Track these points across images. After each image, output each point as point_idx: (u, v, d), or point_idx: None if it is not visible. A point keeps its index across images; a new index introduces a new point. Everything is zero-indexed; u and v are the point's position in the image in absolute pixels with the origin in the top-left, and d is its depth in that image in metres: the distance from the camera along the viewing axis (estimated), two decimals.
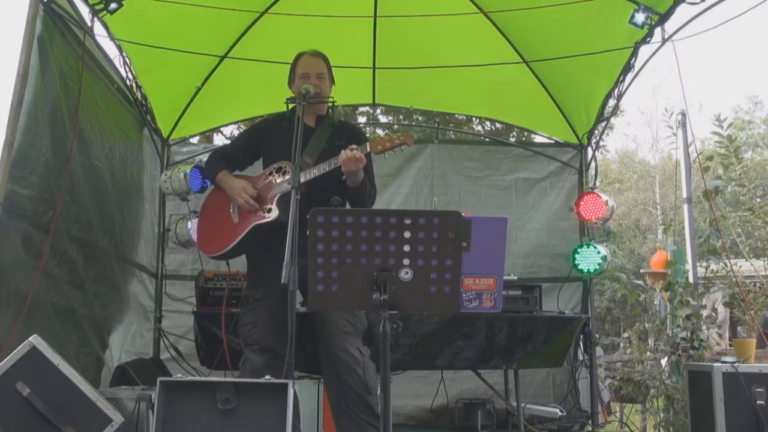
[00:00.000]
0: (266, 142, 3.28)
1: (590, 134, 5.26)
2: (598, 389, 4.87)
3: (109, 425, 2.54)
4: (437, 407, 4.91)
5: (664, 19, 4.02)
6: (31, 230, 3.17)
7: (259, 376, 2.57)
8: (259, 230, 3.08)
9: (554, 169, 5.43)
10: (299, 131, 2.71)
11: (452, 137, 6.95)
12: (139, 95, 4.58)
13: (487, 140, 7.81)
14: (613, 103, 4.94)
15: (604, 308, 14.34)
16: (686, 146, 5.23)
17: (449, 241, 2.09)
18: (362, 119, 9.90)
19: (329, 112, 3.26)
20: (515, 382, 4.36)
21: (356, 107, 9.02)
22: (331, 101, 3.20)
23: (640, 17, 4.01)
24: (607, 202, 4.87)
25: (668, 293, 4.49)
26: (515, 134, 8.93)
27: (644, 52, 4.36)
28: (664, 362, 4.68)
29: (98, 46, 3.99)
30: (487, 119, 9.05)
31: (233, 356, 3.69)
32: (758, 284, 5.04)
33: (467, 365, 4.32)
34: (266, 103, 4.48)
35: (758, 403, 3.17)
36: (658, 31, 4.11)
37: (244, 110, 5.35)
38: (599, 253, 4.81)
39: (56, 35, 3.42)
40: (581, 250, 4.88)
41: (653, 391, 4.52)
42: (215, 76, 4.88)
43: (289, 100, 3.10)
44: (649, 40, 4.19)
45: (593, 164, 5.35)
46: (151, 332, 4.80)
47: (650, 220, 22.71)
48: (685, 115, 5.18)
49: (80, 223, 3.70)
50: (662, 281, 5.29)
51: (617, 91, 4.78)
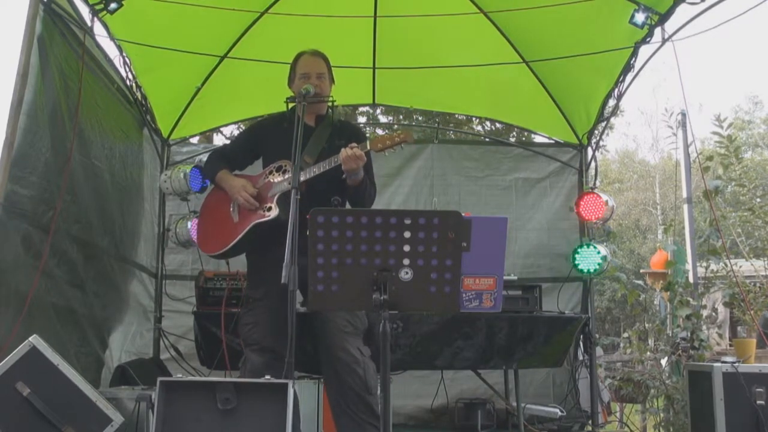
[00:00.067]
0: (266, 141, 3.28)
1: (590, 134, 5.26)
2: (598, 389, 4.87)
3: (109, 425, 2.54)
4: (437, 407, 4.91)
5: (664, 19, 4.02)
6: (31, 230, 3.17)
7: (259, 376, 2.57)
8: (259, 229, 3.08)
9: (554, 169, 5.43)
10: (299, 131, 2.71)
11: (452, 137, 6.95)
12: (139, 95, 4.58)
13: (487, 140, 7.81)
14: (613, 103, 4.94)
15: (604, 308, 14.34)
16: (686, 146, 5.24)
17: (449, 241, 2.09)
18: (362, 119, 9.90)
19: (329, 111, 3.26)
20: (515, 382, 4.36)
21: (356, 107, 9.02)
22: (331, 101, 3.20)
23: (640, 17, 4.01)
24: (607, 202, 4.87)
25: (668, 293, 4.49)
26: (515, 134, 8.93)
27: (644, 52, 4.37)
28: (664, 362, 4.68)
29: (98, 46, 3.99)
30: (487, 119, 9.05)
31: (233, 356, 3.68)
32: (758, 284, 5.04)
33: (467, 365, 4.33)
34: (266, 103, 4.47)
35: (758, 403, 3.17)
36: (658, 31, 4.11)
37: (244, 110, 5.35)
38: (599, 253, 4.81)
39: (56, 35, 3.41)
40: (581, 250, 4.88)
41: (653, 391, 4.52)
42: (215, 76, 4.88)
43: (288, 99, 3.10)
44: (649, 40, 4.19)
45: (593, 164, 5.36)
46: (151, 332, 4.80)
47: (650, 220, 22.71)
48: (685, 115, 5.19)
49: (80, 223, 3.70)
50: (662, 281, 5.29)
51: (617, 91, 4.78)
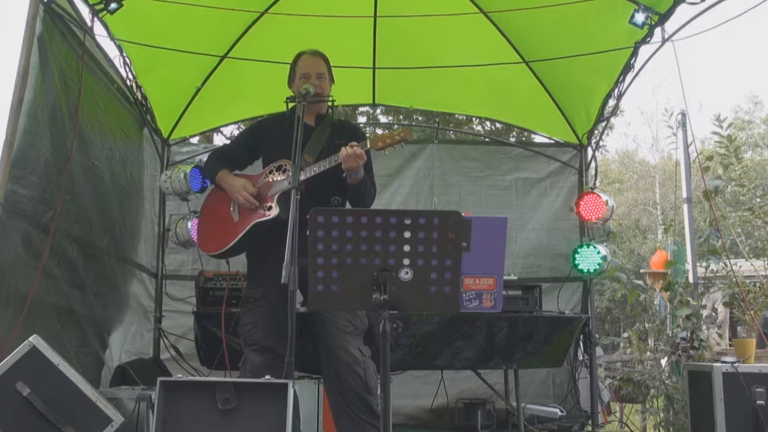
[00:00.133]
0: (266, 141, 3.28)
1: (590, 134, 5.26)
2: (598, 389, 4.87)
3: (109, 425, 2.54)
4: (437, 407, 4.91)
5: (664, 19, 4.02)
6: (31, 230, 3.17)
7: (259, 376, 2.57)
8: (259, 228, 3.08)
9: (554, 169, 5.43)
10: (299, 131, 2.71)
11: (452, 137, 6.96)
12: (139, 95, 4.58)
13: (487, 140, 7.81)
14: (613, 103, 4.94)
15: (604, 308, 14.34)
16: (686, 146, 5.23)
17: (449, 241, 2.09)
18: (362, 119, 9.91)
19: (329, 111, 3.26)
20: (515, 382, 4.36)
21: (356, 107, 9.03)
22: (331, 100, 3.20)
23: (640, 17, 4.01)
24: (607, 202, 4.87)
25: (668, 293, 4.49)
26: (515, 134, 8.93)
27: (644, 52, 4.38)
28: (664, 362, 4.68)
29: (98, 46, 3.99)
30: (487, 119, 9.06)
31: (233, 356, 3.68)
32: (758, 284, 5.03)
33: (467, 365, 4.33)
34: (266, 103, 4.48)
35: (758, 403, 3.17)
36: (658, 31, 4.11)
37: (244, 110, 5.35)
38: (599, 253, 4.81)
39: (56, 35, 3.41)
40: (581, 250, 4.88)
41: (653, 391, 4.52)
42: (215, 76, 4.88)
43: (288, 99, 3.10)
44: (649, 40, 4.19)
45: (593, 164, 5.36)
46: (151, 332, 4.80)
47: (650, 220, 22.70)
48: (685, 115, 5.18)
49: (80, 223, 3.69)
50: (662, 281, 5.28)
51: (617, 91, 4.78)
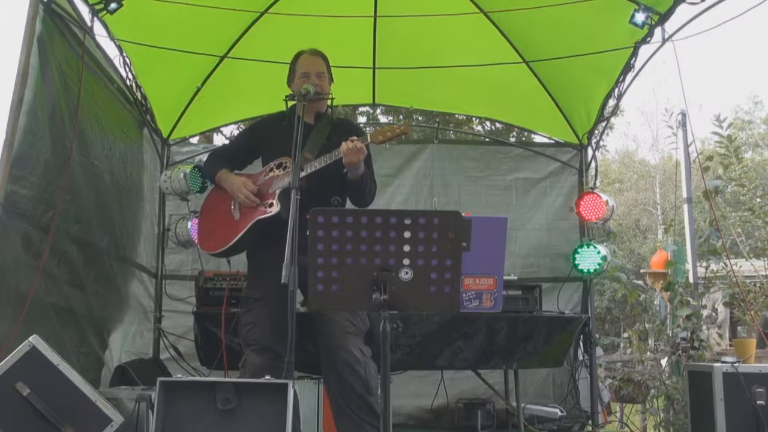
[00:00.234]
0: (265, 141, 3.28)
1: (590, 134, 5.26)
2: (598, 389, 4.87)
3: (108, 425, 2.54)
4: (437, 407, 4.91)
5: (664, 19, 4.02)
6: (31, 230, 3.17)
7: (259, 376, 2.56)
8: (261, 225, 3.08)
9: (554, 169, 5.43)
10: (299, 131, 2.71)
11: (452, 137, 6.97)
12: (139, 95, 4.58)
13: (487, 140, 7.82)
14: (613, 103, 4.94)
15: (604, 308, 14.32)
16: (686, 146, 5.22)
17: (449, 241, 2.09)
18: (362, 119, 9.89)
19: (328, 109, 3.27)
20: (515, 382, 4.36)
21: (356, 107, 9.01)
22: (330, 98, 3.21)
23: (640, 17, 4.01)
24: (607, 202, 4.87)
25: (668, 293, 4.49)
26: (515, 134, 8.93)
27: (644, 52, 4.38)
28: (664, 362, 4.68)
29: (98, 46, 3.99)
30: (487, 119, 9.05)
31: (233, 356, 3.68)
32: (758, 284, 5.03)
33: (467, 365, 4.33)
34: (266, 103, 4.45)
35: (758, 403, 3.17)
36: (658, 31, 4.11)
37: (244, 110, 5.35)
38: (599, 253, 4.81)
39: (56, 35, 3.41)
40: (581, 250, 4.88)
41: (653, 391, 4.52)
42: (215, 76, 4.88)
43: (288, 97, 3.10)
44: (649, 40, 4.19)
45: (593, 164, 5.36)
46: (151, 332, 4.80)
47: (650, 220, 22.69)
48: (685, 115, 5.18)
49: (80, 223, 3.69)
50: (662, 281, 5.29)
51: (617, 91, 4.78)
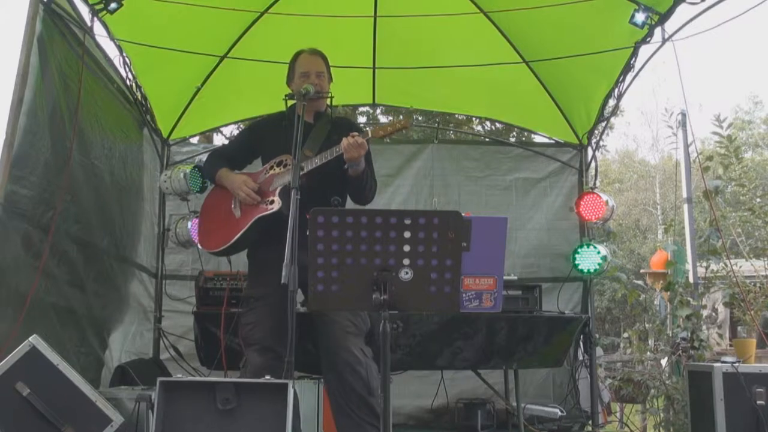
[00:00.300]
0: (265, 140, 3.28)
1: (590, 134, 5.26)
2: (598, 389, 4.87)
3: (108, 425, 2.54)
4: (437, 407, 4.91)
5: (664, 19, 4.02)
6: (31, 230, 3.17)
7: (259, 376, 2.56)
8: (262, 223, 3.08)
9: (554, 169, 5.43)
10: (299, 130, 2.71)
11: (452, 137, 6.96)
12: (139, 95, 4.58)
13: (487, 140, 7.82)
14: (613, 103, 4.94)
15: (604, 308, 14.31)
16: (686, 146, 5.22)
17: (449, 241, 2.09)
18: (362, 119, 9.90)
19: (327, 108, 3.27)
20: (515, 382, 4.36)
21: (356, 107, 9.02)
22: (330, 97, 3.22)
23: (640, 17, 4.01)
24: (607, 202, 4.87)
25: (668, 293, 4.49)
26: (515, 134, 8.93)
27: (644, 52, 4.37)
28: (664, 362, 4.68)
29: (98, 46, 3.99)
30: (487, 119, 9.05)
31: (233, 357, 3.68)
32: (758, 284, 5.04)
33: (467, 365, 4.33)
34: (266, 103, 4.45)
35: (758, 403, 3.17)
36: (658, 31, 4.11)
37: (244, 110, 5.35)
38: (599, 253, 4.81)
39: (56, 35, 3.41)
40: (581, 250, 4.88)
41: (653, 391, 4.52)
42: (215, 76, 4.88)
43: (287, 96, 3.11)
44: (649, 40, 4.19)
45: (593, 164, 5.36)
46: (151, 332, 4.80)
47: (650, 220, 22.69)
48: (685, 115, 5.18)
49: (80, 223, 3.69)
50: (662, 281, 5.29)
51: (617, 91, 4.78)
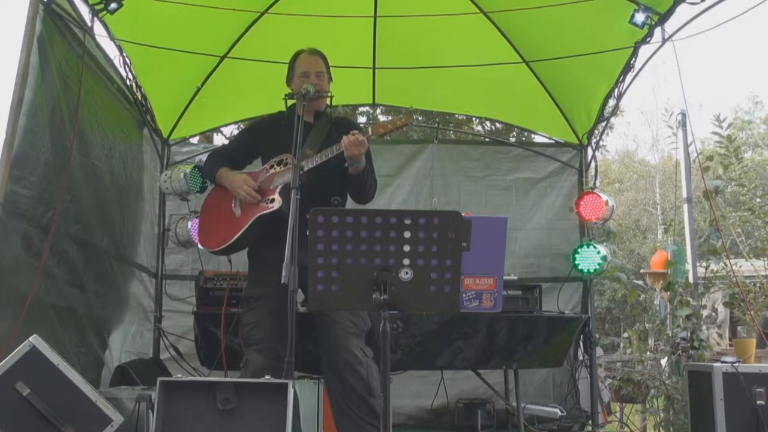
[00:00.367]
0: (265, 140, 3.28)
1: (590, 134, 5.26)
2: (598, 389, 4.87)
3: (109, 425, 2.54)
4: (437, 407, 4.91)
5: (664, 19, 4.02)
6: (31, 230, 3.17)
7: (261, 376, 2.56)
8: (263, 221, 3.08)
9: (554, 169, 5.43)
10: (299, 130, 2.71)
11: (452, 137, 6.96)
12: (139, 95, 4.58)
13: (487, 140, 7.82)
14: (613, 103, 4.94)
15: (604, 308, 14.31)
16: (686, 146, 5.23)
17: (449, 241, 2.09)
18: (362, 119, 9.90)
19: (327, 108, 3.28)
20: (515, 382, 4.36)
21: (356, 107, 9.02)
22: (330, 96, 3.22)
23: (640, 17, 4.01)
24: (607, 202, 4.87)
25: (668, 293, 4.49)
26: (515, 134, 8.93)
27: (644, 52, 4.37)
28: (664, 362, 4.68)
29: (98, 46, 3.99)
30: (487, 119, 9.05)
31: (233, 357, 3.67)
32: (758, 284, 5.04)
33: (467, 365, 4.33)
34: (266, 103, 4.45)
35: (758, 403, 3.17)
36: (658, 31, 4.11)
37: (244, 110, 5.35)
38: (599, 253, 4.81)
39: (56, 35, 3.41)
40: (581, 250, 4.88)
41: (653, 391, 4.52)
42: (215, 76, 4.88)
43: (287, 96, 3.11)
44: (649, 40, 4.19)
45: (593, 164, 5.36)
46: (151, 332, 4.80)
47: (650, 220, 22.69)
48: (685, 115, 5.18)
49: (80, 223, 3.69)
50: (662, 281, 5.29)
51: (617, 91, 4.78)
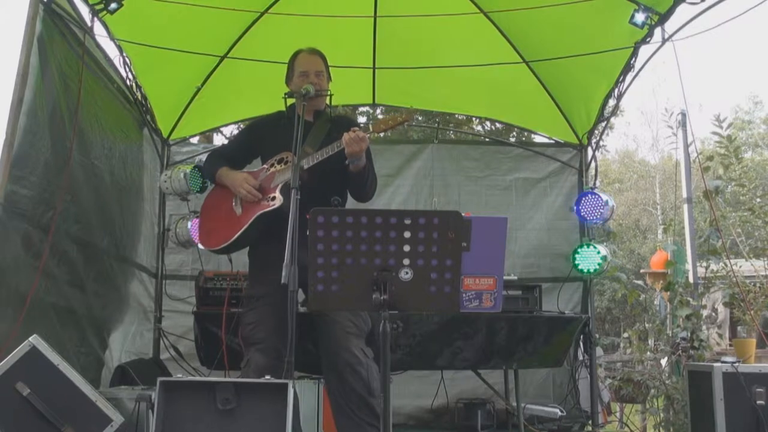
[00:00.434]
0: (265, 139, 3.29)
1: (590, 134, 5.26)
2: (598, 389, 4.87)
3: (109, 425, 2.54)
4: (437, 407, 4.91)
5: (664, 19, 4.02)
6: (31, 230, 3.17)
7: (262, 376, 2.56)
8: (264, 219, 3.07)
9: (554, 169, 5.43)
10: (299, 130, 2.71)
11: (452, 137, 6.96)
12: (139, 95, 4.58)
13: (487, 140, 7.82)
14: (613, 103, 4.94)
15: (604, 308, 14.31)
16: (686, 146, 5.23)
17: (449, 241, 2.10)
18: (362, 119, 9.90)
19: (326, 107, 3.28)
20: (515, 382, 4.36)
21: (356, 107, 9.02)
22: (329, 94, 3.22)
23: (640, 17, 4.01)
24: (607, 202, 4.87)
25: (668, 293, 4.49)
26: (515, 134, 8.93)
27: (644, 52, 4.37)
28: (664, 362, 4.69)
29: (98, 46, 3.99)
30: (487, 119, 9.05)
31: (233, 356, 3.67)
32: (758, 284, 5.04)
33: (467, 365, 4.32)
34: (266, 103, 4.43)
35: (758, 403, 3.17)
36: (658, 31, 4.11)
37: (244, 110, 5.34)
38: (599, 253, 4.81)
39: (56, 35, 3.41)
40: (581, 250, 4.88)
41: (653, 391, 4.53)
42: (215, 76, 4.88)
43: (287, 95, 3.12)
44: (649, 40, 4.19)
45: (593, 164, 5.36)
46: (151, 332, 4.80)
47: (650, 220, 22.68)
48: (685, 115, 5.18)
49: (80, 223, 3.69)
50: (662, 281, 5.29)
51: (617, 91, 4.78)
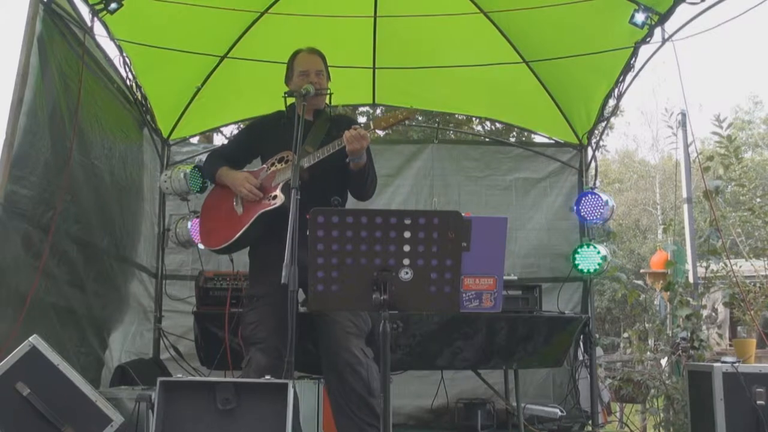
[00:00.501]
0: (265, 139, 3.29)
1: (590, 134, 5.26)
2: (598, 389, 4.87)
3: (109, 425, 2.54)
4: (437, 407, 4.91)
5: (664, 19, 4.02)
6: (31, 230, 3.17)
7: (264, 376, 2.56)
8: (266, 218, 3.07)
9: (554, 169, 5.43)
10: (299, 130, 2.71)
11: (452, 137, 6.96)
12: (139, 95, 4.58)
13: (487, 140, 7.82)
14: (613, 103, 4.94)
15: (604, 308, 14.31)
16: (686, 146, 5.23)
17: (449, 241, 2.10)
18: (362, 119, 9.91)
19: (326, 107, 3.28)
20: (515, 382, 4.36)
21: (356, 107, 9.02)
22: (329, 93, 3.22)
23: (640, 17, 4.01)
24: (607, 202, 4.87)
25: (668, 293, 4.49)
26: (515, 134, 8.94)
27: (644, 52, 4.37)
28: (664, 362, 4.69)
29: (98, 46, 3.99)
30: (487, 119, 9.06)
31: (233, 356, 3.68)
32: (758, 284, 5.04)
33: (467, 365, 4.32)
34: (266, 102, 4.43)
35: (758, 403, 3.17)
36: (658, 31, 4.11)
37: (244, 110, 5.34)
38: (599, 253, 4.80)
39: (56, 35, 3.41)
40: (581, 250, 4.88)
41: (653, 391, 4.53)
42: (215, 76, 4.88)
43: (287, 94, 3.12)
44: (649, 40, 4.19)
45: (593, 164, 5.36)
46: (151, 332, 4.80)
47: (650, 220, 22.69)
48: (685, 115, 5.18)
49: (80, 223, 3.69)
50: (662, 281, 5.29)
51: (617, 91, 4.78)
